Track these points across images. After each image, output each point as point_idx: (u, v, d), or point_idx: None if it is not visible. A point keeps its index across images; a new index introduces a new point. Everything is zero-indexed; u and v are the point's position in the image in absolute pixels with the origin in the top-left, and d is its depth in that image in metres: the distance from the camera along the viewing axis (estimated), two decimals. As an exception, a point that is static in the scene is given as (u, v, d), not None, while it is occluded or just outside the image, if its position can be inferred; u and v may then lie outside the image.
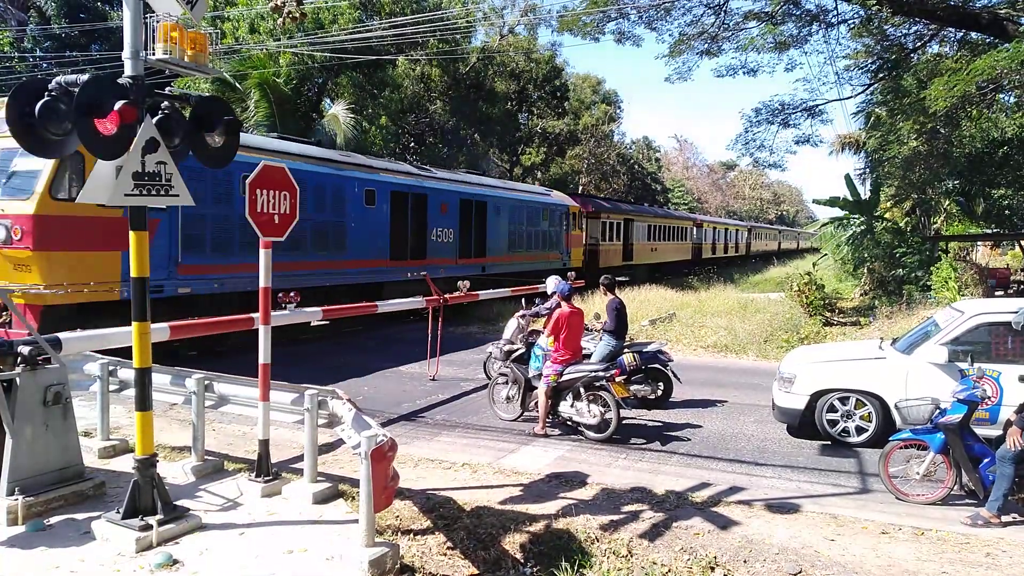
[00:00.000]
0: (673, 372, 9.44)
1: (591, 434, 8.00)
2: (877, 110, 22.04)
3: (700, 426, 8.72)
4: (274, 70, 23.96)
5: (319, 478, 5.93)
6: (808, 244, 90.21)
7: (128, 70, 4.67)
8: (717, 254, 49.27)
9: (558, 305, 8.52)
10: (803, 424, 8.09)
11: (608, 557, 4.98)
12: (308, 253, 14.10)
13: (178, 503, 5.21)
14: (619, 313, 9.18)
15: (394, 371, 11.76)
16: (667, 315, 17.83)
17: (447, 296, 11.74)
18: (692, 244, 43.29)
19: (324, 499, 5.71)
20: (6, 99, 4.47)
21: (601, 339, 9.25)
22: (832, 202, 24.95)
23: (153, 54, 4.85)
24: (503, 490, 6.32)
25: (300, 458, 6.33)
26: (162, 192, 4.78)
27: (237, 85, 23.17)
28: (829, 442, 7.93)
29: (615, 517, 5.69)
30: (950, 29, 17.68)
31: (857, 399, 7.79)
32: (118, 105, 4.31)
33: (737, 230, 58.01)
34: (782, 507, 6.04)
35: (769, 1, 17.87)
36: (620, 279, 18.76)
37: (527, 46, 37.47)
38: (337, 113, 25.18)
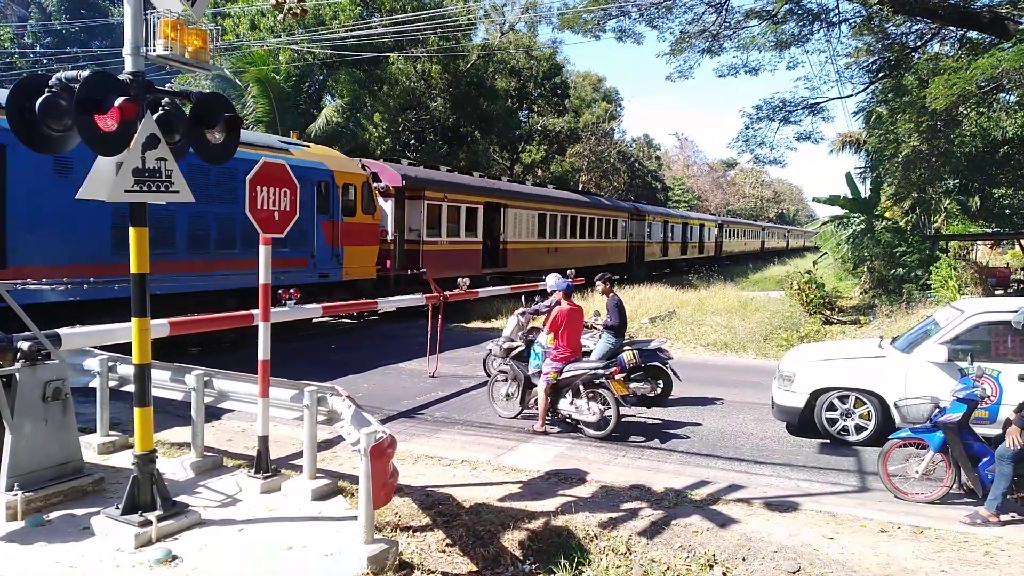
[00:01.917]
0: (673, 370, 9.44)
1: (590, 432, 8.00)
2: (878, 109, 22.06)
3: (699, 424, 8.72)
4: (274, 67, 23.95)
5: (318, 475, 5.93)
6: (800, 243, 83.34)
7: (128, 66, 4.66)
8: (670, 255, 38.40)
9: (558, 303, 8.51)
10: (802, 422, 8.10)
11: (607, 555, 4.98)
12: None
13: (177, 499, 5.21)
14: (619, 310, 9.18)
15: (393, 368, 11.77)
16: (667, 313, 17.84)
17: (448, 293, 11.75)
18: (629, 243, 32.74)
19: (323, 496, 5.71)
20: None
21: (601, 336, 9.26)
22: (832, 201, 24.97)
23: (154, 50, 4.84)
24: (502, 487, 6.33)
25: (299, 455, 6.34)
26: (162, 188, 4.77)
27: (238, 81, 23.17)
28: (828, 440, 7.93)
29: (614, 515, 5.70)
30: (951, 28, 17.68)
31: (856, 398, 7.80)
32: (118, 101, 4.30)
33: (702, 225, 46.33)
34: (781, 505, 6.04)
35: (771, 0, 17.87)
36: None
37: (528, 43, 37.44)
38: (329, 110, 25.22)
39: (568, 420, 8.23)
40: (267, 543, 4.82)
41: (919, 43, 19.05)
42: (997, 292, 19.08)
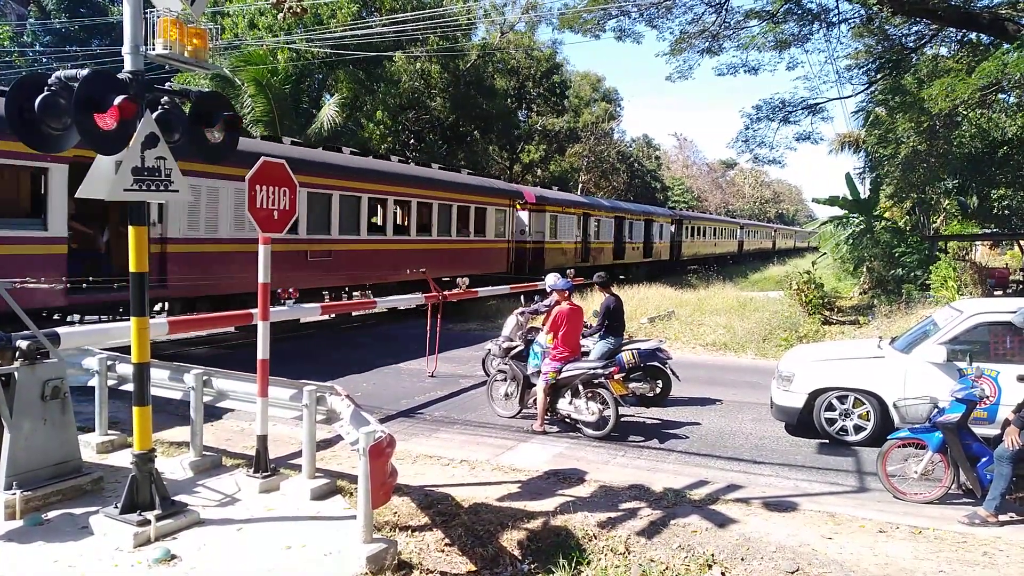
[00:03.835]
0: (672, 370, 9.44)
1: (589, 431, 8.00)
2: (876, 109, 22.08)
3: (698, 424, 8.73)
4: (271, 66, 23.92)
5: (317, 474, 5.93)
6: (791, 244, 78.11)
7: (128, 65, 4.67)
8: (597, 261, 27.76)
9: (557, 302, 8.52)
10: (801, 422, 8.10)
11: (605, 554, 4.98)
12: None
13: (176, 498, 5.21)
14: (610, 311, 9.15)
15: (393, 368, 11.76)
16: (666, 313, 17.84)
17: (446, 293, 11.75)
18: (515, 245, 22.87)
19: (322, 495, 5.71)
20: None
21: (600, 337, 9.25)
22: (832, 201, 24.98)
23: (153, 49, 4.84)
24: (501, 487, 6.33)
25: (298, 454, 6.33)
26: (161, 187, 4.77)
27: (237, 80, 23.17)
28: (827, 441, 7.93)
29: (613, 514, 5.69)
30: (951, 29, 17.71)
31: (855, 398, 7.80)
32: (118, 100, 4.29)
33: (650, 221, 34.48)
34: (780, 505, 6.04)
35: (770, 0, 17.90)
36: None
37: (527, 43, 37.45)
38: (328, 109, 25.19)
39: (567, 420, 8.23)
40: (266, 542, 4.82)
41: (919, 44, 19.08)
42: (996, 293, 19.11)
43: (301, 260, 14.02)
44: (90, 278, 9.90)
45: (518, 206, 23.18)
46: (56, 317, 10.38)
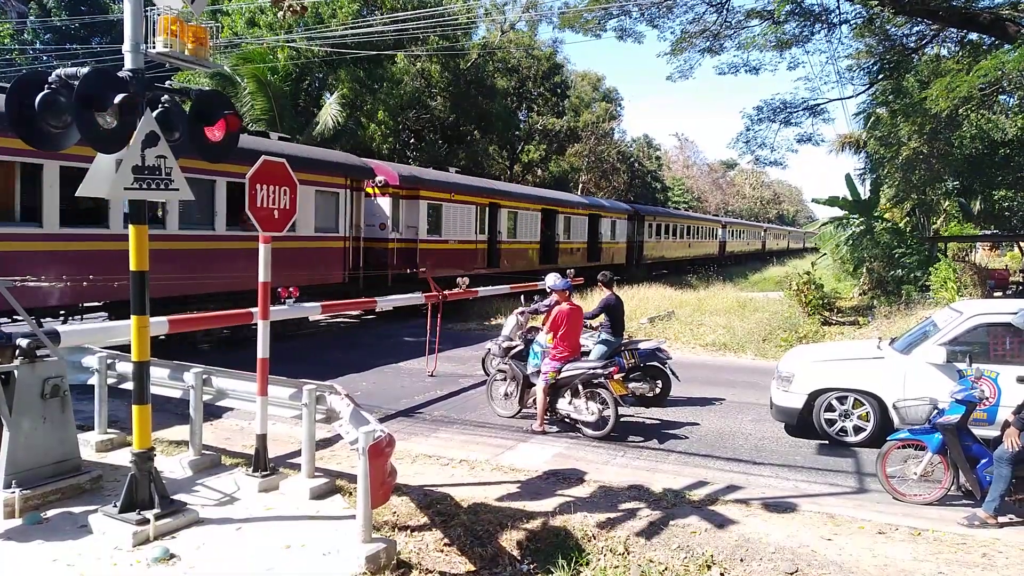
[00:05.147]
0: (671, 370, 9.44)
1: (589, 431, 8.00)
2: (878, 110, 22.06)
3: (698, 424, 8.72)
4: (271, 64, 23.88)
5: (316, 473, 5.93)
6: (784, 244, 75.35)
7: (128, 63, 4.66)
8: (511, 266, 21.78)
9: (557, 302, 8.51)
10: (801, 423, 8.10)
11: (605, 555, 4.98)
12: None
13: (175, 497, 5.21)
14: (609, 308, 9.14)
15: (393, 367, 11.76)
16: (666, 313, 17.85)
17: (446, 292, 11.75)
18: (363, 244, 16.34)
19: (321, 494, 5.71)
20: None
21: (599, 336, 9.25)
22: (832, 202, 24.97)
23: (153, 47, 4.84)
24: (501, 487, 6.33)
25: (298, 453, 6.33)
26: (162, 186, 4.77)
27: (237, 79, 23.15)
28: (827, 441, 7.93)
29: (612, 515, 5.69)
30: (951, 29, 17.71)
31: (855, 398, 7.80)
32: (118, 98, 4.27)
33: (596, 217, 28.84)
34: (779, 506, 6.04)
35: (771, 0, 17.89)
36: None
37: (528, 42, 37.43)
38: (329, 108, 25.15)
39: (567, 420, 8.23)
40: (265, 541, 4.82)
41: (920, 44, 19.08)
42: (996, 294, 19.10)
43: None
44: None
45: (375, 191, 16.90)
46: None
